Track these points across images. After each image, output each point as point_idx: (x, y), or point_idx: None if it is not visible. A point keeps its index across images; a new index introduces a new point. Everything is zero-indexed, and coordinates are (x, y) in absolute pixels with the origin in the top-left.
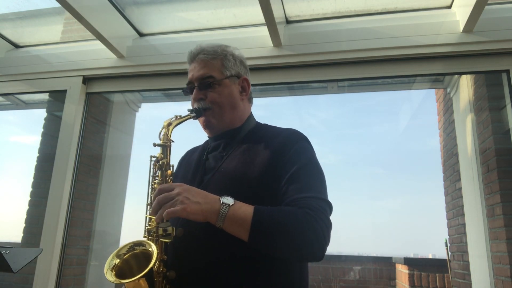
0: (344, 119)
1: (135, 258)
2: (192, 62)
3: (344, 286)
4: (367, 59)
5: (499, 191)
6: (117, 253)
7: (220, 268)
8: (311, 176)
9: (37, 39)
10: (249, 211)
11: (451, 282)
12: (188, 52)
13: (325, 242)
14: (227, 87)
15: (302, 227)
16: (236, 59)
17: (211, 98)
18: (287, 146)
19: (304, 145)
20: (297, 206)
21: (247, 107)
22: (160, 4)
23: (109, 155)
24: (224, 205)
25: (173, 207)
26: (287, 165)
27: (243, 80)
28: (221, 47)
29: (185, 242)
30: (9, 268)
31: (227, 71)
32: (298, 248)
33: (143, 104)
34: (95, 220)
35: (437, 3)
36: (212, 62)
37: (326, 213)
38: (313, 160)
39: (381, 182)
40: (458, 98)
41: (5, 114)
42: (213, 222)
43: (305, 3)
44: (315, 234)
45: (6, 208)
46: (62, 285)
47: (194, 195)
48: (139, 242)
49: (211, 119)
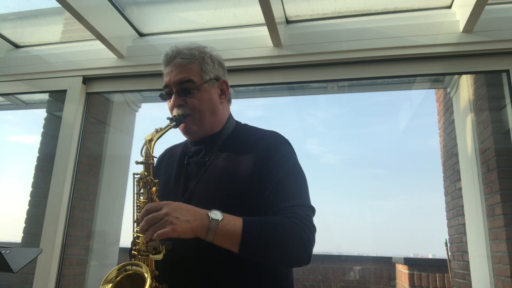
0: (344, 119)
1: (129, 279)
2: (168, 65)
3: (344, 286)
4: (367, 59)
5: (499, 191)
6: (107, 279)
7: (210, 278)
8: (295, 183)
9: (37, 39)
10: (238, 224)
11: (451, 282)
12: (164, 54)
13: (311, 247)
14: (207, 92)
15: (290, 237)
16: (215, 61)
17: (191, 104)
18: (271, 152)
19: (287, 150)
20: (284, 215)
21: (226, 109)
22: (160, 4)
23: (109, 155)
24: (213, 220)
25: (163, 229)
26: (271, 172)
27: (222, 83)
28: (199, 49)
29: (174, 255)
30: (9, 268)
31: (206, 75)
32: (287, 257)
33: (143, 104)
34: (95, 220)
35: (437, 3)
36: (190, 66)
37: (311, 219)
38: (296, 166)
39: (381, 182)
40: (458, 98)
41: (5, 114)
42: (203, 238)
43: (305, 3)
44: (303, 243)
45: (6, 208)
46: (62, 285)
47: (183, 214)
48: (128, 263)
49: (191, 126)
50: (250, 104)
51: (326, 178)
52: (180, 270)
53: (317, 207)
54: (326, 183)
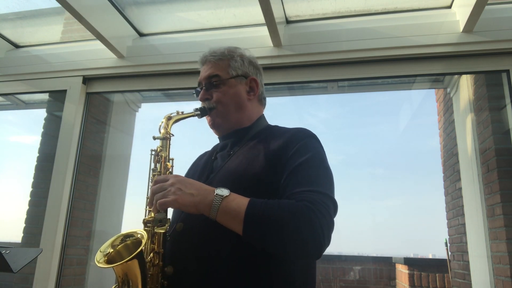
0: (344, 119)
1: (126, 248)
2: (203, 65)
3: (344, 286)
4: (367, 59)
5: (499, 191)
6: (112, 244)
7: (218, 265)
8: (314, 170)
9: (37, 39)
10: (244, 203)
11: (451, 282)
12: (199, 56)
13: (323, 238)
14: (233, 87)
15: (298, 220)
16: (245, 60)
17: (216, 98)
18: (293, 142)
19: (311, 142)
20: (296, 199)
21: (257, 107)
22: (160, 4)
23: (109, 155)
24: (218, 196)
25: (164, 198)
26: (291, 159)
27: (251, 80)
28: (229, 48)
29: (184, 237)
30: (9, 268)
31: (233, 71)
32: (294, 242)
33: (143, 104)
34: (95, 220)
35: (437, 3)
36: (218, 62)
37: (329, 209)
38: (318, 155)
39: (381, 182)
40: (458, 98)
41: (5, 114)
42: (207, 214)
43: (305, 3)
44: (312, 229)
45: (6, 208)
46: (62, 285)
47: (187, 186)
48: (130, 234)
49: (216, 119)
50: None
51: None
52: (188, 255)
53: None
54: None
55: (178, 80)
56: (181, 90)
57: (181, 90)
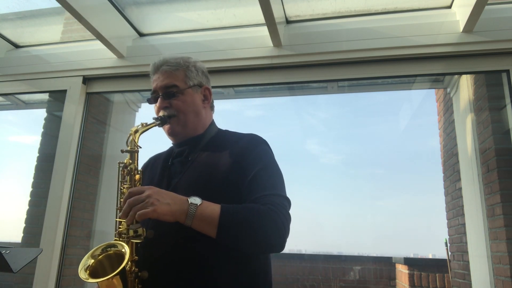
0: (344, 119)
1: (109, 258)
2: (155, 73)
3: (344, 286)
4: (367, 59)
5: (499, 191)
6: (92, 254)
7: (189, 267)
8: (271, 176)
9: (37, 39)
10: (216, 209)
11: (451, 282)
12: (151, 63)
13: (286, 234)
14: (190, 96)
15: (266, 221)
16: (198, 70)
17: (176, 106)
18: (249, 149)
19: (264, 149)
20: (260, 203)
21: (209, 114)
22: (160, 4)
23: (109, 155)
24: (192, 205)
25: (144, 209)
26: (249, 166)
27: (205, 89)
28: (184, 58)
29: (155, 243)
30: (9, 268)
31: (189, 81)
32: (262, 240)
33: (143, 104)
34: (95, 220)
35: (437, 3)
36: (175, 72)
37: (286, 208)
38: (272, 162)
39: (381, 182)
40: (458, 98)
41: (5, 114)
42: (182, 222)
43: (305, 3)
44: (277, 228)
45: (6, 208)
46: (62, 285)
47: (163, 197)
48: (112, 244)
49: (176, 127)
50: (250, 104)
51: (326, 178)
52: (160, 259)
53: (317, 207)
54: (326, 183)
55: None
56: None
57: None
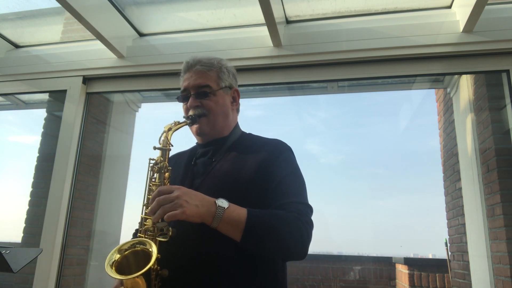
0: (344, 119)
1: (135, 255)
2: (187, 71)
3: (344, 286)
4: (367, 59)
5: (499, 191)
6: (119, 249)
7: (210, 268)
8: (295, 184)
9: (37, 39)
10: (243, 213)
11: (451, 282)
12: (184, 62)
13: (309, 242)
14: (221, 97)
15: (291, 229)
16: (230, 72)
17: (207, 106)
18: (274, 156)
19: (289, 156)
20: (286, 210)
21: (235, 117)
22: (160, 4)
23: (109, 155)
24: (220, 208)
25: (173, 210)
26: (274, 174)
27: (234, 91)
28: (217, 59)
29: (177, 242)
30: (9, 268)
31: (222, 82)
32: (286, 248)
33: (143, 104)
34: (95, 220)
35: (437, 3)
36: (208, 73)
37: (310, 216)
38: (296, 170)
39: (381, 182)
40: (458, 98)
41: (5, 114)
42: (209, 224)
43: (305, 3)
44: (301, 236)
45: (6, 208)
46: (62, 285)
47: (192, 198)
48: (141, 241)
49: (204, 127)
50: (250, 104)
51: (326, 178)
52: (181, 259)
53: (317, 207)
54: (326, 183)
55: (178, 80)
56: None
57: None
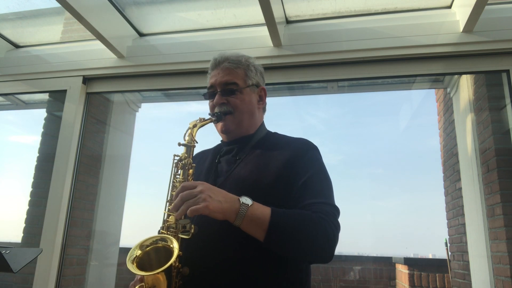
0: (344, 119)
1: (156, 252)
2: (215, 68)
3: (344, 286)
4: (367, 59)
5: (499, 191)
6: (141, 245)
7: (231, 267)
8: (322, 183)
9: (37, 39)
10: (267, 212)
11: (451, 282)
12: (212, 59)
13: (335, 244)
14: (248, 95)
15: (316, 230)
16: (257, 70)
17: (233, 104)
18: (300, 154)
19: (315, 155)
20: (311, 210)
21: (261, 115)
22: (160, 4)
23: (109, 155)
24: (244, 205)
25: (196, 205)
26: (300, 173)
27: (261, 90)
28: (245, 57)
29: (199, 239)
30: (9, 268)
31: (249, 80)
32: (311, 250)
33: (143, 104)
34: (95, 220)
35: (437, 3)
36: (236, 70)
37: (337, 217)
38: (323, 169)
39: (381, 182)
40: (458, 98)
41: (5, 114)
42: (232, 221)
43: (305, 3)
44: (327, 237)
45: (6, 208)
46: (62, 285)
47: (216, 194)
48: (163, 238)
49: (230, 125)
50: None
51: None
52: (203, 257)
53: None
54: None
55: (178, 80)
56: (181, 90)
57: (181, 90)
